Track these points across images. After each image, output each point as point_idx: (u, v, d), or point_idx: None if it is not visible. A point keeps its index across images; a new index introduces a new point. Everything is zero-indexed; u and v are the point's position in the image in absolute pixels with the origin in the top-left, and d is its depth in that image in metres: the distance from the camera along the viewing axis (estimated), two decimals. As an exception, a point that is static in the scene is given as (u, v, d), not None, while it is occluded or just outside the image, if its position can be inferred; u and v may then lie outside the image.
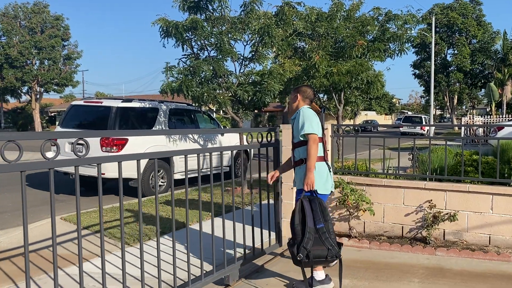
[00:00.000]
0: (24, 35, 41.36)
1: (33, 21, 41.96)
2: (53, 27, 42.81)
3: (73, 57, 44.72)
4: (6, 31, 41.08)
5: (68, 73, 44.15)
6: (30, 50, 41.29)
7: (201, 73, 8.04)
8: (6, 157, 2.10)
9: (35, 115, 44.99)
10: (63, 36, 43.66)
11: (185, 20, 7.81)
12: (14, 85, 42.05)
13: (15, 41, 41.15)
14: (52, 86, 44.06)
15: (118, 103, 8.81)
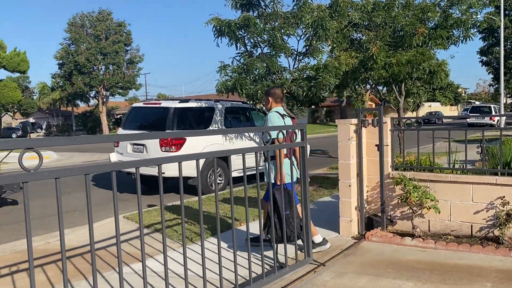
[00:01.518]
0: (90, 42, 43.80)
1: (98, 28, 44.30)
2: (116, 33, 44.95)
3: (136, 61, 46.71)
4: (74, 39, 43.74)
5: (131, 76, 46.18)
6: (96, 56, 43.67)
7: (255, 70, 8.01)
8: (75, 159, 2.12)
9: (102, 118, 47.57)
10: (126, 41, 45.71)
11: (237, 18, 7.80)
12: (83, 90, 44.71)
13: (83, 49, 43.68)
14: (117, 90, 46.33)
15: (176, 104, 9.00)
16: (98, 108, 49.25)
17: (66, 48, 44.60)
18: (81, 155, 20.23)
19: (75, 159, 18.43)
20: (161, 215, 2.87)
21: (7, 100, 23.55)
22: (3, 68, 23.13)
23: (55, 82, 48.54)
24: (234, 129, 9.55)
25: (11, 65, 23.00)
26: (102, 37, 44.56)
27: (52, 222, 7.07)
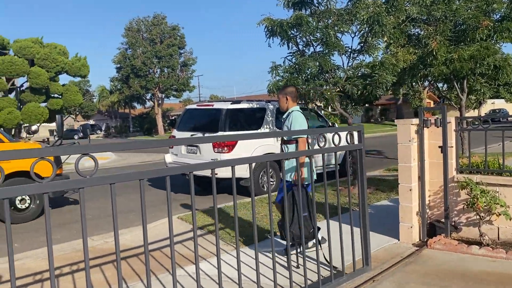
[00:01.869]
0: (146, 46, 45.38)
1: (153, 32, 45.80)
2: (170, 37, 46.27)
3: (189, 64, 47.85)
4: (131, 44, 45.52)
5: (185, 79, 47.36)
6: (152, 60, 45.18)
7: (307, 69, 7.84)
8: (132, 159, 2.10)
9: (158, 119, 49.14)
10: (179, 44, 46.94)
11: (289, 17, 7.67)
12: (139, 93, 46.43)
13: (139, 53, 45.35)
14: (171, 92, 47.70)
15: (228, 105, 9.03)
16: (154, 110, 50.91)
17: (123, 53, 46.52)
18: (138, 155, 20.95)
19: (132, 159, 19.10)
20: (215, 218, 2.82)
21: (69, 103, 24.81)
22: (66, 73, 24.40)
23: (114, 85, 50.81)
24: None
25: (73, 70, 24.22)
26: (157, 41, 46.03)
27: (110, 222, 7.30)
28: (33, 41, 23.76)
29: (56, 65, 23.17)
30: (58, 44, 24.58)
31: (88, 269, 2.11)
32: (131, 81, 45.78)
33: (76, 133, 49.04)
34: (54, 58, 23.06)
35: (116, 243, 2.16)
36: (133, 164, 17.39)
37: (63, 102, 24.47)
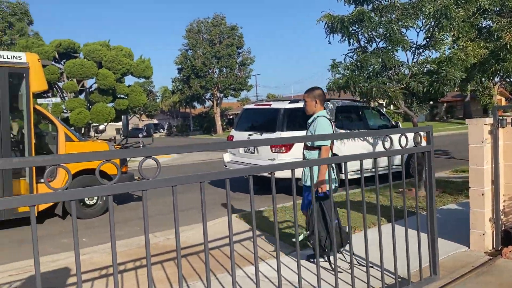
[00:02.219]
0: (206, 47, 46.39)
1: (213, 33, 46.72)
2: (229, 37, 46.97)
3: (247, 63, 48.31)
4: (192, 45, 46.76)
5: (243, 78, 47.89)
6: (211, 60, 46.13)
7: (369, 66, 7.58)
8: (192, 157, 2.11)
9: (217, 118, 50.13)
10: (238, 44, 47.51)
11: (350, 13, 7.45)
12: (199, 93, 47.59)
13: (199, 53, 46.47)
14: (229, 92, 48.43)
15: (286, 105, 8.96)
16: (213, 109, 51.98)
17: (184, 54, 47.88)
18: (198, 153, 21.45)
19: (192, 158, 19.60)
20: (274, 219, 2.77)
21: (134, 103, 25.97)
22: (131, 75, 25.56)
23: (175, 86, 52.49)
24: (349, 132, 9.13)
25: (138, 71, 25.32)
26: (216, 41, 46.91)
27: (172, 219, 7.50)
28: (101, 44, 25.09)
29: (122, 67, 24.31)
30: (124, 46, 25.79)
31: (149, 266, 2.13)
32: (192, 82, 47.02)
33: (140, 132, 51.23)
34: (120, 60, 24.21)
35: (177, 247, 2.17)
36: (193, 162, 17.84)
37: (129, 102, 25.63)
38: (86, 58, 24.11)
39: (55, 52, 24.48)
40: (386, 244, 3.38)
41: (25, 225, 7.24)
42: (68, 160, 1.79)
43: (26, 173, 6.94)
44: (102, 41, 25.78)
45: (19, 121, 7.96)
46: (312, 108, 4.50)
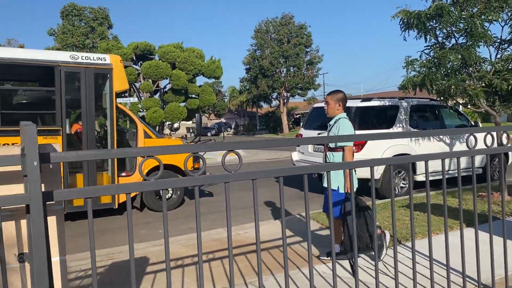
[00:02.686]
0: (273, 46, 46.68)
1: (281, 32, 46.91)
2: (297, 36, 46.88)
3: (315, 62, 47.92)
4: (260, 45, 47.28)
5: (311, 77, 47.58)
6: (279, 60, 46.32)
7: (447, 63, 7.21)
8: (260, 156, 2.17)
9: (283, 118, 50.25)
10: (306, 43, 47.30)
11: (428, 8, 7.14)
12: (266, 92, 48.01)
13: (267, 53, 46.87)
14: (296, 91, 48.35)
15: (357, 103, 8.79)
16: (279, 109, 52.19)
17: (252, 54, 48.55)
18: (266, 152, 21.69)
19: (260, 156, 19.84)
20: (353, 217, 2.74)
21: (204, 103, 26.82)
22: (202, 75, 26.41)
23: (243, 86, 53.40)
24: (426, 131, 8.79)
25: (208, 72, 26.10)
26: (284, 40, 47.06)
27: (242, 215, 7.67)
28: (174, 46, 26.17)
29: (194, 68, 25.19)
30: (196, 48, 26.69)
31: (232, 261, 2.21)
32: (259, 81, 47.56)
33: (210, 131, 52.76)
34: (192, 61, 25.11)
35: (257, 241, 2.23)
36: (261, 161, 18.05)
37: (199, 102, 26.50)
38: (161, 60, 25.27)
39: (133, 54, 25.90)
40: (466, 249, 3.22)
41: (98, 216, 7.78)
42: (160, 152, 1.92)
43: (109, 166, 7.45)
44: (175, 43, 26.88)
45: (103, 118, 8.56)
46: (335, 110, 4.62)
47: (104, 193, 1.91)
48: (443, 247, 3.12)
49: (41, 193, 1.68)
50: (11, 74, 8.00)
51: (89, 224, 1.90)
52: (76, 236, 6.53)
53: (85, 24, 38.11)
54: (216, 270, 4.50)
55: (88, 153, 1.82)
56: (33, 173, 1.64)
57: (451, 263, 3.28)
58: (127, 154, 1.99)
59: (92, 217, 1.92)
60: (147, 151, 1.93)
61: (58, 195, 1.78)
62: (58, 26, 38.25)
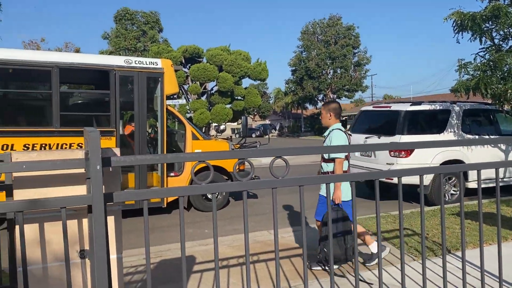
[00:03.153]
0: (320, 48, 46.34)
1: (328, 34, 46.50)
2: (345, 37, 46.29)
3: (363, 63, 47.11)
4: (306, 46, 47.09)
5: (358, 79, 46.80)
6: (325, 61, 45.92)
7: (504, 66, 6.93)
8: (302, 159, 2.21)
9: (329, 120, 49.64)
10: (354, 44, 46.60)
11: (483, 9, 6.89)
12: (312, 94, 47.70)
13: (313, 55, 46.60)
14: (343, 92, 47.72)
15: (407, 107, 8.59)
16: (325, 111, 51.63)
17: (298, 55, 48.43)
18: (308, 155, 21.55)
19: (302, 159, 19.75)
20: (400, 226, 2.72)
21: (250, 104, 27.10)
22: (248, 77, 26.70)
23: (288, 87, 53.37)
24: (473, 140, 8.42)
25: (254, 74, 26.34)
26: (331, 42, 46.61)
27: (284, 218, 7.71)
28: (222, 49, 26.63)
29: (240, 70, 25.51)
30: (242, 51, 27.01)
31: (278, 264, 2.26)
32: (305, 83, 47.35)
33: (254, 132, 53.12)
34: (239, 64, 25.44)
35: (303, 246, 2.27)
36: (306, 163, 17.99)
37: (245, 104, 26.80)
38: (209, 63, 25.80)
39: (182, 57, 26.62)
40: None
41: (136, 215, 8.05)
42: (210, 158, 2.00)
43: (159, 167, 7.72)
44: (223, 46, 27.34)
45: (153, 120, 8.89)
46: (327, 120, 4.71)
47: (158, 196, 2.03)
48: (496, 258, 3.02)
49: (102, 194, 1.81)
50: (70, 77, 8.49)
51: (145, 224, 2.01)
52: (125, 233, 6.81)
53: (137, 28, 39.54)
54: (260, 272, 4.57)
55: (145, 157, 1.94)
56: (96, 176, 1.77)
57: (504, 275, 3.17)
58: (181, 159, 2.09)
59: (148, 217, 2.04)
60: (199, 156, 2.02)
61: (117, 196, 1.90)
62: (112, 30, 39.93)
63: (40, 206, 1.83)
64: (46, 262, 2.05)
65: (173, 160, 1.91)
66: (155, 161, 1.88)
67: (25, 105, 7.89)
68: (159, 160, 1.93)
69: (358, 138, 9.19)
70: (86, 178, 1.89)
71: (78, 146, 6.83)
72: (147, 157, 1.92)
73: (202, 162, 2.02)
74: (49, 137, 6.77)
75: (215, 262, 2.11)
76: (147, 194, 1.93)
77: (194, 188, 1.99)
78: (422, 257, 2.72)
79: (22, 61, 6.68)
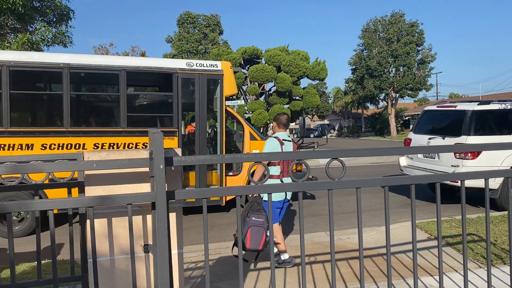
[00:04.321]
0: (382, 46, 45.01)
1: (390, 31, 45.02)
2: (408, 34, 44.60)
3: (427, 61, 45.14)
4: (367, 44, 45.93)
5: (422, 77, 44.90)
6: (387, 59, 44.51)
7: None
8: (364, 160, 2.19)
9: (391, 120, 48.16)
10: (418, 41, 44.76)
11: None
12: (373, 93, 46.43)
13: (375, 53, 45.34)
14: (406, 91, 45.97)
15: (474, 106, 8.15)
16: (387, 110, 50.17)
17: (359, 54, 47.34)
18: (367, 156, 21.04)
19: (363, 159, 19.33)
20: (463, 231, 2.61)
21: (308, 105, 26.92)
22: (307, 77, 26.52)
23: (348, 87, 52.35)
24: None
25: (313, 74, 26.12)
26: (393, 39, 45.11)
27: (343, 220, 7.61)
28: (280, 50, 26.68)
29: (299, 70, 25.43)
30: (301, 50, 26.88)
31: (334, 265, 2.26)
32: (366, 82, 46.20)
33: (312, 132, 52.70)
34: (297, 64, 25.35)
35: (360, 247, 2.25)
36: (364, 164, 17.59)
37: (303, 104, 26.66)
38: (267, 63, 25.95)
39: (241, 59, 27.00)
40: None
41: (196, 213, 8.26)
42: (267, 158, 2.05)
43: (218, 166, 7.92)
44: (281, 47, 27.39)
45: (213, 121, 9.12)
46: (275, 129, 5.33)
47: (216, 195, 2.10)
48: None
49: (165, 192, 1.91)
50: (136, 80, 8.94)
51: (204, 221, 2.10)
52: (186, 230, 7.06)
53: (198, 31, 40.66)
54: (317, 274, 4.56)
55: (204, 158, 2.02)
56: (159, 175, 1.87)
57: None
58: (238, 159, 2.16)
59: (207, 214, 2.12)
60: (256, 157, 2.07)
61: (179, 194, 2.00)
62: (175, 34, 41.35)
63: (109, 202, 1.97)
64: (114, 254, 2.19)
65: (230, 161, 1.98)
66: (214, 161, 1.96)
67: (95, 107, 8.42)
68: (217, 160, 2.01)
69: (420, 139, 8.87)
70: (150, 176, 2.01)
71: (143, 145, 7.18)
72: (206, 157, 2.00)
73: (258, 163, 2.07)
74: (116, 137, 7.18)
75: (271, 261, 2.15)
76: (206, 193, 2.01)
77: (251, 188, 2.04)
78: (487, 264, 2.60)
79: (91, 65, 7.13)
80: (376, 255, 5.10)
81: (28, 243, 6.25)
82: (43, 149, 6.79)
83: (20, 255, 5.47)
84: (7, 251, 4.39)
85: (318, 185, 2.20)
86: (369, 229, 6.54)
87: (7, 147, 6.66)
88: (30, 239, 6.54)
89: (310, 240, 6.07)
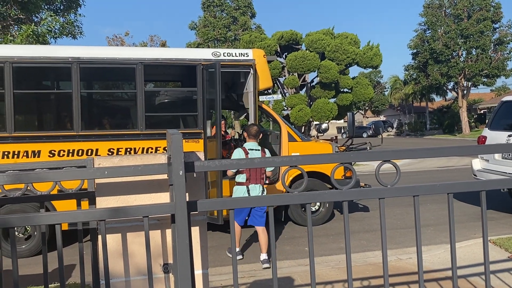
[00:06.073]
0: (449, 24, 43.91)
1: (459, 6, 43.87)
2: (481, 9, 43.32)
3: (506, 41, 43.65)
4: (430, 23, 44.91)
5: (500, 61, 43.45)
6: (456, 41, 43.37)
7: None
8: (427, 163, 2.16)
9: (462, 114, 46.84)
10: (493, 17, 43.36)
11: None
12: (439, 82, 45.29)
13: (440, 33, 44.29)
14: (481, 79, 44.60)
15: None
16: (457, 102, 48.84)
17: (421, 35, 46.37)
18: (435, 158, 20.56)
19: (429, 163, 18.93)
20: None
21: (359, 98, 26.53)
22: (357, 65, 26.15)
23: (408, 75, 51.33)
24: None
25: (364, 60, 25.73)
26: (463, 16, 43.91)
27: (404, 236, 7.48)
28: (324, 33, 26.52)
29: (347, 57, 25.14)
30: (349, 33, 26.62)
31: None
32: (430, 68, 45.16)
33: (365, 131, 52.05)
34: (345, 49, 25.08)
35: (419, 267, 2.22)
36: (428, 169, 17.22)
37: (353, 97, 26.33)
38: (308, 50, 25.83)
39: (277, 46, 27.02)
40: None
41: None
42: (304, 162, 2.06)
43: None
44: (325, 29, 27.22)
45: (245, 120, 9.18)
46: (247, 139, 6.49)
47: (245, 205, 2.13)
48: None
49: (185, 202, 1.95)
50: (155, 74, 9.12)
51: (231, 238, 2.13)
52: (216, 248, 7.14)
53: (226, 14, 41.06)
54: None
55: (230, 162, 2.05)
56: (179, 183, 1.92)
57: None
58: (269, 163, 2.18)
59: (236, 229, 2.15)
60: (291, 160, 2.08)
61: (202, 205, 2.04)
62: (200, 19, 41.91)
63: (122, 214, 2.03)
64: (129, 275, 2.26)
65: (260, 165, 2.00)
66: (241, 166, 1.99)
67: (109, 107, 8.66)
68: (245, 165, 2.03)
69: (498, 137, 8.60)
70: (169, 184, 2.06)
71: (164, 150, 7.31)
72: (232, 162, 2.03)
73: (294, 167, 2.08)
74: (134, 140, 7.34)
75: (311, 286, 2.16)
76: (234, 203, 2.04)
77: (285, 197, 2.05)
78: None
79: (104, 59, 7.32)
80: (444, 278, 5.00)
81: (36, 264, 6.51)
82: (51, 156, 7.05)
83: (27, 277, 5.70)
84: (12, 273, 4.58)
85: (367, 193, 2.18)
86: (436, 247, 6.42)
87: (11, 154, 6.96)
88: (38, 259, 6.81)
89: (363, 260, 6.01)
